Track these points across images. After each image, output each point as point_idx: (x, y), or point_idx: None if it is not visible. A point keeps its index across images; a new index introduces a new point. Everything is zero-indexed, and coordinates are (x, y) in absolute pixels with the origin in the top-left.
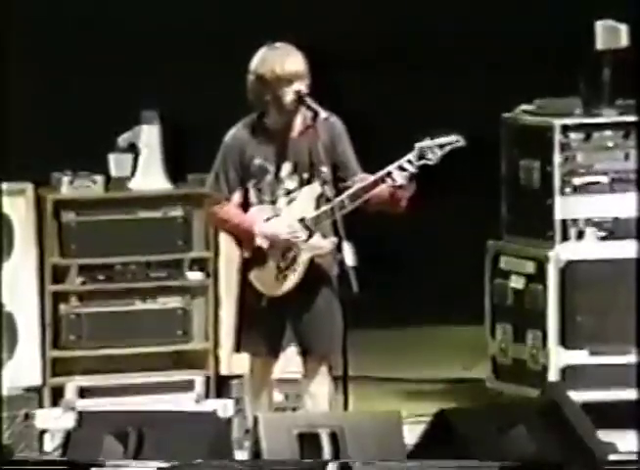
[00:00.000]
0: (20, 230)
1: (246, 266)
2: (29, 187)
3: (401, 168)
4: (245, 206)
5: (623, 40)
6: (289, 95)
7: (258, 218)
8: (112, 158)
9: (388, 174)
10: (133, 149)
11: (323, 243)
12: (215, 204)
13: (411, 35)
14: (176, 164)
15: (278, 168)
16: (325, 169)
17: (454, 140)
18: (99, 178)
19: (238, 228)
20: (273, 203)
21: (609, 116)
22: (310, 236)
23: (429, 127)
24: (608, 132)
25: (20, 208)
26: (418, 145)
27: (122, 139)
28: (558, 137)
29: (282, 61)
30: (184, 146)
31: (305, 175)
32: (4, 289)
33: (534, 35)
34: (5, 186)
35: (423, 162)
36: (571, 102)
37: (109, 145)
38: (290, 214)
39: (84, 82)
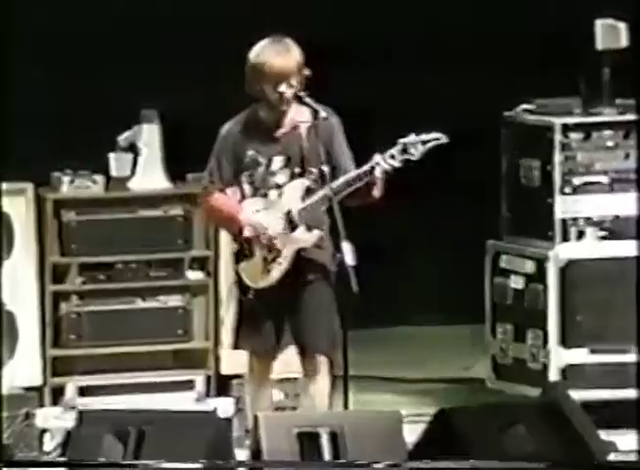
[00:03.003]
0: (20, 230)
1: (236, 259)
2: (29, 187)
3: (384, 162)
4: (241, 201)
5: (623, 39)
6: (278, 91)
7: (248, 209)
8: (112, 157)
9: (372, 169)
10: (133, 148)
11: (307, 236)
12: (209, 195)
13: (411, 34)
14: (176, 163)
15: (269, 161)
16: (317, 166)
17: (437, 137)
18: (99, 178)
19: (226, 216)
20: (265, 196)
21: (609, 115)
22: (294, 229)
23: (429, 127)
24: (608, 132)
25: (20, 207)
26: (401, 140)
27: (122, 138)
28: (558, 137)
29: (275, 57)
30: (184, 145)
31: (297, 170)
32: (4, 288)
33: (534, 34)
34: (5, 186)
35: (405, 156)
36: (572, 101)
37: (109, 144)
38: (278, 208)
39: (84, 82)
